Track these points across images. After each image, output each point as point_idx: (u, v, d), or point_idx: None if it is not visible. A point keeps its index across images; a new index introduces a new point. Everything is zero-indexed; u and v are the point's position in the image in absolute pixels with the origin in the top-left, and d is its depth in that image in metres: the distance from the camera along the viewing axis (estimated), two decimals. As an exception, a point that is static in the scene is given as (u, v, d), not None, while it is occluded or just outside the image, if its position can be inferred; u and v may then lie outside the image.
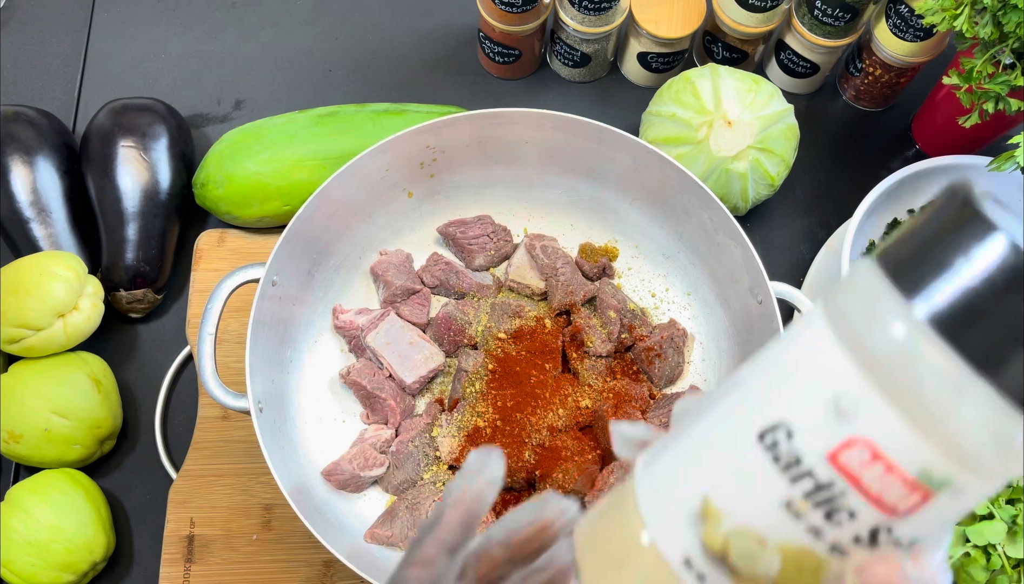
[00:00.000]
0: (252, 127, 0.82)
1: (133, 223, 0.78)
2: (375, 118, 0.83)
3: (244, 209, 0.80)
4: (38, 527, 0.67)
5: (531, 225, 0.82)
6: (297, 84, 0.93)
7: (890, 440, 0.22)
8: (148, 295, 0.79)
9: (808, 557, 0.24)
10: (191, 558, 0.72)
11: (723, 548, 0.25)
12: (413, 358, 0.74)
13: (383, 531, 0.69)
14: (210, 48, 0.94)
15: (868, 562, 0.24)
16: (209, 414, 0.76)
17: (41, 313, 0.70)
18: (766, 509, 0.24)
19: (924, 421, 0.22)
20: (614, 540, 0.28)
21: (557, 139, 0.75)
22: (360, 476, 0.70)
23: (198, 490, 0.73)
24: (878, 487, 0.23)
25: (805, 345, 0.24)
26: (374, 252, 0.79)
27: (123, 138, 0.80)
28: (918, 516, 0.23)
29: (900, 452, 0.22)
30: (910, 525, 0.23)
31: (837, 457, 0.23)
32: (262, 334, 0.68)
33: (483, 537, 0.35)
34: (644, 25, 0.86)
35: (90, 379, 0.73)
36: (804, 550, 0.24)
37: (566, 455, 0.70)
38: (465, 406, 0.72)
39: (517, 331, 0.75)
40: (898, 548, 0.24)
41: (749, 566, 0.25)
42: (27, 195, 0.78)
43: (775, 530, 0.24)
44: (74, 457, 0.72)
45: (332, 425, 0.74)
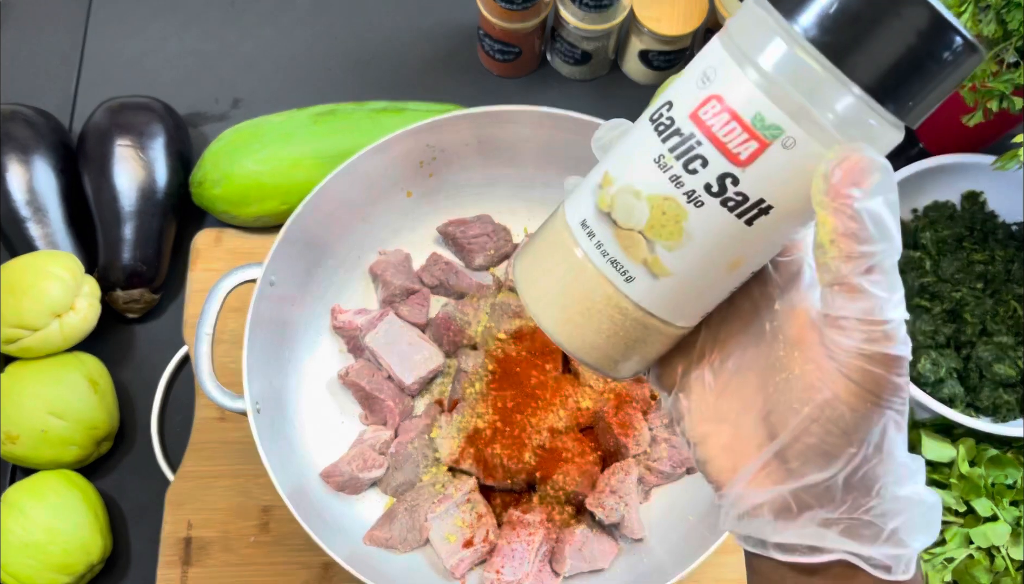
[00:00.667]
0: (250, 126, 0.82)
1: (130, 222, 0.78)
2: (374, 116, 0.82)
3: (242, 208, 0.80)
4: (35, 529, 0.67)
5: (531, 224, 0.82)
6: (295, 82, 0.92)
7: (733, 92, 0.28)
8: (145, 295, 0.79)
9: (670, 204, 0.30)
10: (188, 560, 0.71)
11: (610, 205, 0.31)
12: (412, 358, 0.74)
13: (382, 533, 0.68)
14: (208, 46, 0.94)
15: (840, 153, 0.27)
16: (206, 415, 0.76)
17: (37, 313, 0.70)
18: (643, 166, 0.30)
19: (757, 77, 0.28)
20: (541, 241, 0.34)
21: (558, 137, 0.74)
22: (359, 477, 0.70)
23: (195, 492, 0.73)
24: (723, 133, 0.28)
25: (696, 56, 0.31)
26: (373, 252, 0.79)
27: (120, 137, 0.79)
28: (757, 167, 0.28)
29: (739, 101, 0.28)
30: (752, 177, 0.28)
31: (697, 113, 0.29)
32: (260, 334, 0.67)
33: None
34: (645, 23, 0.85)
35: (87, 380, 0.73)
36: (667, 198, 0.30)
37: (567, 456, 0.69)
38: (465, 407, 0.72)
39: (517, 331, 0.74)
40: (745, 202, 0.29)
41: (626, 217, 0.31)
42: (23, 194, 0.77)
43: (647, 184, 0.30)
44: (71, 458, 0.72)
45: (331, 426, 0.74)
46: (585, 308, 0.33)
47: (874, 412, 0.29)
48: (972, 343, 0.75)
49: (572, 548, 0.67)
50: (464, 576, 0.68)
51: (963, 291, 0.77)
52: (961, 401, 0.74)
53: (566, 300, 0.33)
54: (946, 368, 0.74)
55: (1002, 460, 0.72)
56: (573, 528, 0.69)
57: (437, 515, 0.68)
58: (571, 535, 0.68)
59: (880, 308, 0.28)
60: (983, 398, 0.74)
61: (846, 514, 0.30)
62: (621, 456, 0.71)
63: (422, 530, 0.68)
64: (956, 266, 0.78)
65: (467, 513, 0.69)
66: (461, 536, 0.68)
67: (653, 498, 0.72)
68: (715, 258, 0.30)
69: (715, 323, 0.34)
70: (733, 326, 0.34)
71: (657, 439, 0.72)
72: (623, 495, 0.68)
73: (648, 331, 0.32)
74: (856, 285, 0.28)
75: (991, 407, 0.74)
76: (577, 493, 0.69)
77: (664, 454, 0.71)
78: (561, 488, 0.69)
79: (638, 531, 0.68)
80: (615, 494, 0.68)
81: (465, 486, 0.70)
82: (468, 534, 0.68)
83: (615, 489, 0.68)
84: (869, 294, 0.28)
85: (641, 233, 0.30)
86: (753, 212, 0.29)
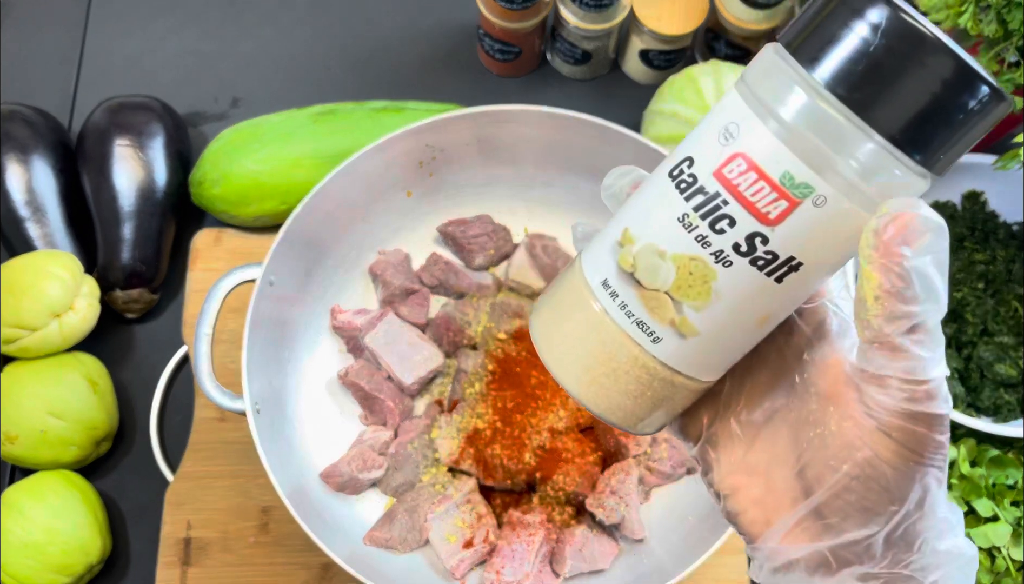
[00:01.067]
0: (249, 125, 0.81)
1: (129, 222, 0.78)
2: (374, 116, 0.82)
3: (241, 208, 0.80)
4: (34, 529, 0.67)
5: (531, 224, 0.82)
6: (295, 82, 0.92)
7: (758, 150, 0.28)
8: (144, 295, 0.79)
9: (697, 265, 0.29)
10: (188, 561, 0.71)
11: (632, 265, 0.30)
12: (412, 359, 0.73)
13: (382, 534, 0.68)
14: (207, 46, 0.93)
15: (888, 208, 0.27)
16: (206, 415, 0.75)
17: (37, 313, 0.70)
18: (666, 225, 0.30)
19: (783, 133, 0.27)
20: (559, 299, 0.34)
21: (558, 137, 0.74)
22: (358, 478, 0.69)
23: (195, 492, 0.73)
24: (751, 193, 0.28)
25: (713, 110, 0.30)
26: (372, 251, 0.79)
27: (119, 137, 0.79)
28: (788, 225, 0.28)
29: (766, 159, 0.27)
30: (782, 236, 0.28)
31: (721, 171, 0.28)
32: (259, 334, 0.67)
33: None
34: (646, 22, 0.85)
35: (86, 380, 0.73)
36: (694, 258, 0.29)
37: (567, 457, 0.69)
38: (465, 407, 0.71)
39: (517, 331, 0.74)
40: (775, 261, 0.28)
41: (651, 277, 0.30)
42: (22, 194, 0.77)
43: (672, 243, 0.29)
44: (70, 458, 0.72)
45: (330, 426, 0.74)
46: (610, 369, 0.32)
47: (916, 470, 0.28)
48: (973, 343, 0.75)
49: (572, 549, 0.67)
50: (464, 577, 0.68)
51: (964, 291, 0.77)
52: (962, 401, 0.74)
53: (589, 361, 0.32)
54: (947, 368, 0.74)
55: (1003, 460, 0.72)
56: (573, 529, 0.69)
57: (437, 515, 0.68)
58: (571, 536, 0.68)
59: (923, 368, 0.27)
60: (984, 398, 0.74)
61: (886, 569, 0.29)
62: (621, 456, 0.71)
63: (422, 530, 0.68)
64: (957, 266, 0.78)
65: (467, 513, 0.69)
66: (461, 537, 0.68)
67: (653, 499, 0.72)
68: (744, 315, 0.30)
69: (740, 373, 0.34)
70: (760, 377, 0.34)
71: (657, 440, 0.72)
72: (623, 496, 0.68)
73: (675, 388, 0.32)
74: (898, 345, 0.27)
75: (992, 407, 0.74)
76: (577, 494, 0.69)
77: (664, 454, 0.71)
78: (561, 489, 0.69)
79: (638, 532, 0.68)
80: (615, 495, 0.68)
81: (465, 486, 0.69)
82: (468, 535, 0.68)
83: (615, 490, 0.68)
84: (911, 354, 0.27)
85: (667, 293, 0.30)
86: (783, 270, 0.29)
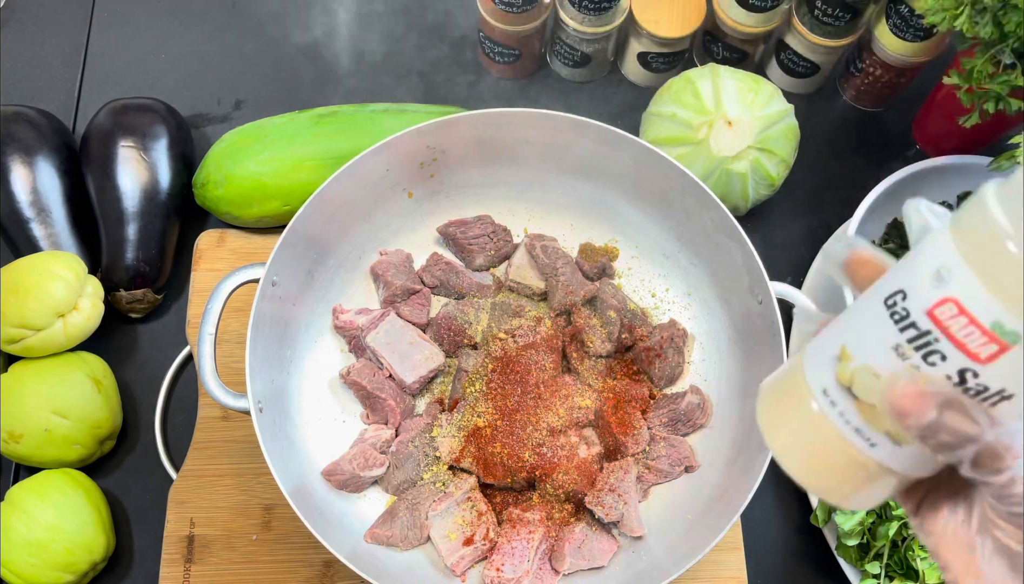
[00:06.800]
0: (252, 127, 0.82)
1: (133, 223, 0.78)
2: (375, 118, 0.82)
3: (244, 209, 0.80)
4: (38, 527, 0.67)
5: (531, 225, 0.82)
6: (297, 84, 0.93)
7: (971, 299, 0.29)
8: (148, 295, 0.79)
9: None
10: (191, 558, 0.71)
11: (850, 380, 0.33)
12: (413, 358, 0.74)
13: (383, 531, 0.69)
14: (210, 48, 0.94)
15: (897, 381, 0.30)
16: (209, 414, 0.76)
17: (41, 313, 0.70)
18: (882, 351, 0.32)
19: (993, 286, 0.29)
20: (783, 394, 0.37)
21: (557, 139, 0.75)
22: (360, 476, 0.70)
23: (198, 490, 0.73)
24: (962, 335, 0.30)
25: (926, 244, 0.32)
26: (374, 252, 0.79)
27: (123, 138, 0.80)
28: (999, 365, 0.29)
29: (978, 309, 0.29)
30: (993, 373, 0.30)
31: (933, 312, 0.30)
32: (262, 334, 0.68)
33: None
34: (644, 25, 0.85)
35: (90, 379, 0.73)
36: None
37: (566, 455, 0.70)
38: (465, 406, 0.72)
39: (517, 331, 0.74)
40: (986, 392, 0.30)
41: (867, 393, 0.32)
42: (27, 195, 0.77)
43: (887, 368, 0.32)
44: (74, 457, 0.72)
45: (332, 425, 0.74)
46: (830, 463, 0.35)
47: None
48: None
49: (572, 546, 0.68)
50: (464, 574, 0.68)
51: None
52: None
53: (811, 455, 0.35)
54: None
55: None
56: (572, 526, 0.69)
57: (438, 513, 0.69)
58: (571, 533, 0.68)
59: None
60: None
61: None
62: (620, 455, 0.72)
63: (423, 528, 0.68)
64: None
65: (467, 511, 0.69)
66: (461, 534, 0.68)
67: (652, 496, 0.73)
68: None
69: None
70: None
71: (656, 438, 0.73)
72: (622, 493, 0.68)
73: (889, 479, 0.34)
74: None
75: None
76: (576, 491, 0.70)
77: (663, 452, 0.72)
78: (561, 486, 0.69)
79: (637, 529, 0.69)
80: (614, 492, 0.68)
81: (465, 484, 0.70)
82: (468, 532, 0.68)
83: (614, 487, 0.69)
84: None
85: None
86: (994, 399, 0.30)
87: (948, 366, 0.30)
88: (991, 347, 0.29)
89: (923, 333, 0.30)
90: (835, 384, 0.34)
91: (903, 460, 0.33)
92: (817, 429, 0.35)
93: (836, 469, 0.35)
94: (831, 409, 0.34)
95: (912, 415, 0.30)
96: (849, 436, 0.34)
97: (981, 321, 0.29)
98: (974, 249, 0.29)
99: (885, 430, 0.33)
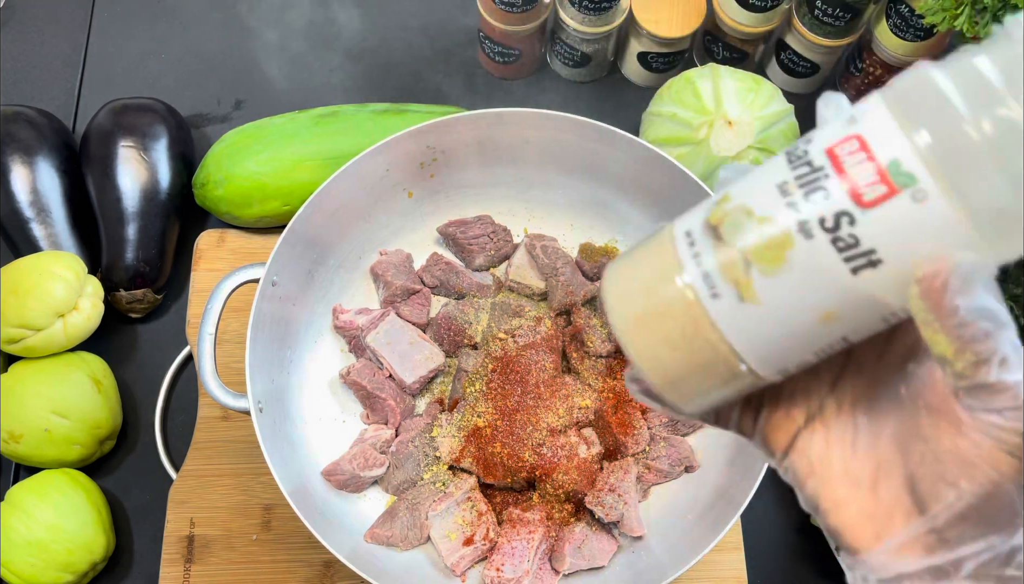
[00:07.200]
0: (252, 127, 0.82)
1: (133, 223, 0.78)
2: (375, 118, 0.82)
3: (244, 209, 0.80)
4: (38, 527, 0.67)
5: (531, 225, 0.82)
6: (297, 84, 0.93)
7: (876, 134, 0.28)
8: (148, 295, 0.79)
9: (779, 230, 0.29)
10: (191, 558, 0.71)
11: (720, 218, 0.30)
12: (413, 358, 0.74)
13: (383, 531, 0.69)
14: (210, 48, 0.94)
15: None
16: (209, 414, 0.76)
17: (41, 313, 0.70)
18: (764, 190, 0.30)
19: (907, 122, 0.27)
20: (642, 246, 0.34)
21: (557, 139, 0.75)
22: (360, 476, 0.70)
23: (198, 490, 0.73)
24: (854, 169, 0.28)
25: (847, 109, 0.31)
26: (374, 252, 0.79)
27: (123, 138, 0.80)
28: (878, 214, 0.27)
29: (879, 143, 0.28)
30: (870, 223, 0.28)
31: (833, 149, 0.29)
32: (262, 334, 0.68)
33: None
34: (644, 25, 0.86)
35: (90, 379, 0.73)
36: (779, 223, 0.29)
37: (566, 455, 0.70)
38: (465, 406, 0.72)
39: (517, 331, 0.74)
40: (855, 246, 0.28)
41: (732, 232, 0.30)
42: (27, 195, 0.77)
43: (763, 205, 0.30)
44: (74, 457, 0.72)
45: (332, 425, 0.74)
46: (660, 311, 0.31)
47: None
48: (969, 343, 0.75)
49: (572, 546, 0.68)
50: (464, 574, 0.68)
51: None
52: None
53: (645, 300, 0.32)
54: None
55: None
56: (572, 526, 0.69)
57: (438, 513, 0.69)
58: (571, 533, 0.68)
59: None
60: (980, 398, 0.74)
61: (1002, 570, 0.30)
62: (620, 454, 0.72)
63: (423, 528, 0.69)
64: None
65: (467, 511, 0.69)
66: (461, 534, 0.68)
67: (652, 496, 0.73)
68: (808, 300, 0.29)
69: (835, 375, 0.33)
70: (859, 383, 0.33)
71: (656, 437, 0.73)
72: (622, 493, 0.68)
73: (717, 358, 0.31)
74: (995, 383, 0.27)
75: (988, 406, 0.74)
76: (576, 491, 0.70)
77: (663, 452, 0.72)
78: (561, 486, 0.69)
79: (637, 529, 0.69)
80: (614, 492, 0.68)
81: (465, 484, 0.70)
82: (468, 532, 0.68)
83: (614, 487, 0.69)
84: (1009, 383, 0.27)
85: (742, 251, 0.30)
86: (861, 261, 0.28)
87: (827, 205, 0.28)
88: (879, 188, 0.27)
89: (815, 169, 0.29)
90: (703, 225, 0.31)
91: (741, 330, 0.30)
92: (660, 271, 0.31)
93: (664, 321, 0.31)
94: (687, 250, 0.31)
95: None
96: (695, 279, 0.30)
97: (878, 156, 0.27)
98: (896, 92, 0.28)
99: (735, 279, 0.29)
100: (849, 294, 0.29)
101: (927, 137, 0.27)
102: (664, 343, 0.31)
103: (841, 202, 0.28)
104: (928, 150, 0.27)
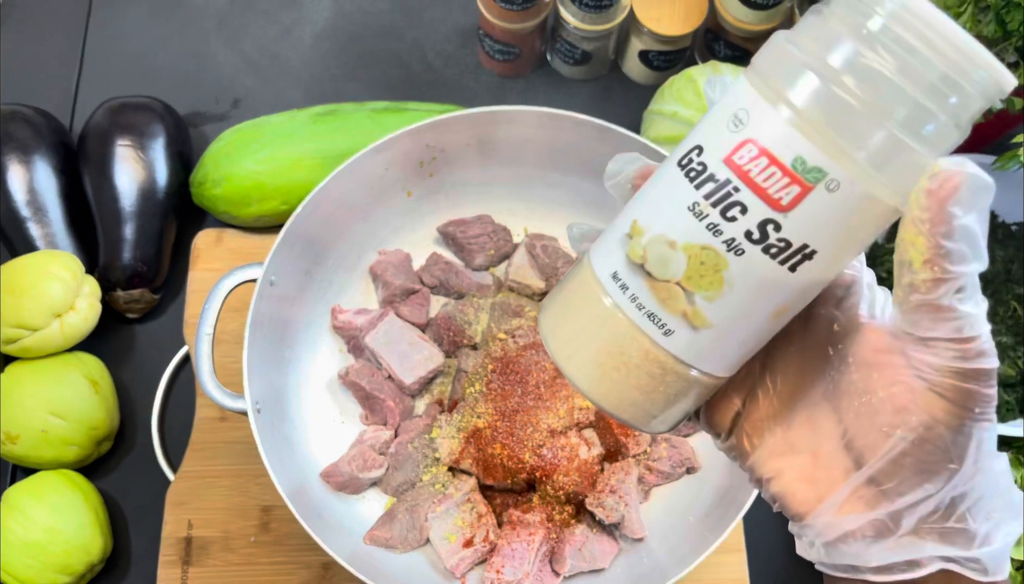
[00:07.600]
0: (250, 126, 0.82)
1: (130, 222, 0.78)
2: (374, 117, 0.82)
3: (242, 208, 0.80)
4: (35, 529, 0.67)
5: (531, 224, 0.82)
6: (295, 82, 0.92)
7: (768, 135, 0.27)
8: (145, 295, 0.79)
9: (709, 254, 0.28)
10: (189, 560, 0.71)
11: (643, 256, 0.30)
12: (412, 358, 0.74)
13: (382, 533, 0.68)
14: (208, 46, 0.94)
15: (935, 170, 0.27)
16: (207, 415, 0.76)
17: (38, 313, 0.70)
18: (677, 215, 0.29)
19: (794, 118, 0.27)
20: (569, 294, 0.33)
21: (558, 138, 0.74)
22: (359, 477, 0.70)
23: (196, 491, 0.73)
24: (762, 179, 0.27)
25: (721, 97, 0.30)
26: (373, 252, 0.79)
27: (120, 137, 0.79)
28: (800, 212, 0.27)
29: (777, 144, 0.27)
30: (795, 223, 0.27)
31: (731, 158, 0.28)
32: (260, 334, 0.67)
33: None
34: (645, 23, 0.85)
35: (87, 380, 0.73)
36: (705, 247, 0.28)
37: (566, 456, 0.69)
38: (465, 407, 0.72)
39: (517, 331, 0.74)
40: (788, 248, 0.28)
41: (661, 268, 0.29)
42: (24, 194, 0.77)
43: (682, 233, 0.29)
44: (71, 458, 0.72)
45: (331, 426, 0.74)
46: (621, 364, 0.31)
47: (972, 427, 0.28)
48: (972, 343, 0.75)
49: (572, 548, 0.67)
50: (464, 576, 0.68)
51: (963, 291, 0.77)
52: (961, 401, 0.74)
53: (600, 357, 0.31)
54: (946, 368, 0.74)
55: (1002, 460, 0.72)
56: (573, 528, 0.69)
57: (437, 515, 0.68)
58: (571, 535, 0.68)
59: (971, 325, 0.27)
60: (983, 398, 0.74)
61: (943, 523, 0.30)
62: (621, 456, 0.71)
63: (422, 530, 0.68)
64: (956, 266, 0.78)
65: (467, 513, 0.69)
66: (461, 536, 0.68)
67: (653, 498, 0.72)
68: (757, 307, 0.29)
69: (762, 353, 0.33)
70: (788, 354, 0.33)
71: (657, 439, 0.72)
72: (623, 495, 0.68)
73: (688, 384, 0.31)
74: (947, 306, 0.27)
75: (991, 407, 0.74)
76: (577, 493, 0.69)
77: (664, 454, 0.71)
78: (561, 488, 0.69)
79: (638, 531, 0.68)
80: (615, 494, 0.68)
81: (465, 486, 0.70)
82: (468, 534, 0.68)
83: (615, 489, 0.68)
84: (959, 312, 0.27)
85: (679, 284, 0.29)
86: (797, 258, 0.28)
87: (748, 220, 0.27)
88: (792, 189, 0.27)
89: (721, 185, 0.28)
90: (626, 264, 0.30)
91: (702, 352, 0.30)
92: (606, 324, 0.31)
93: (629, 371, 0.31)
94: (622, 295, 0.30)
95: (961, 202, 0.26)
96: (642, 323, 0.30)
97: (781, 159, 0.27)
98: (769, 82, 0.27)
99: (681, 311, 0.29)
100: (794, 288, 0.29)
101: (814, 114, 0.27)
102: (634, 389, 0.31)
103: (761, 212, 0.27)
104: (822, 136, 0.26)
